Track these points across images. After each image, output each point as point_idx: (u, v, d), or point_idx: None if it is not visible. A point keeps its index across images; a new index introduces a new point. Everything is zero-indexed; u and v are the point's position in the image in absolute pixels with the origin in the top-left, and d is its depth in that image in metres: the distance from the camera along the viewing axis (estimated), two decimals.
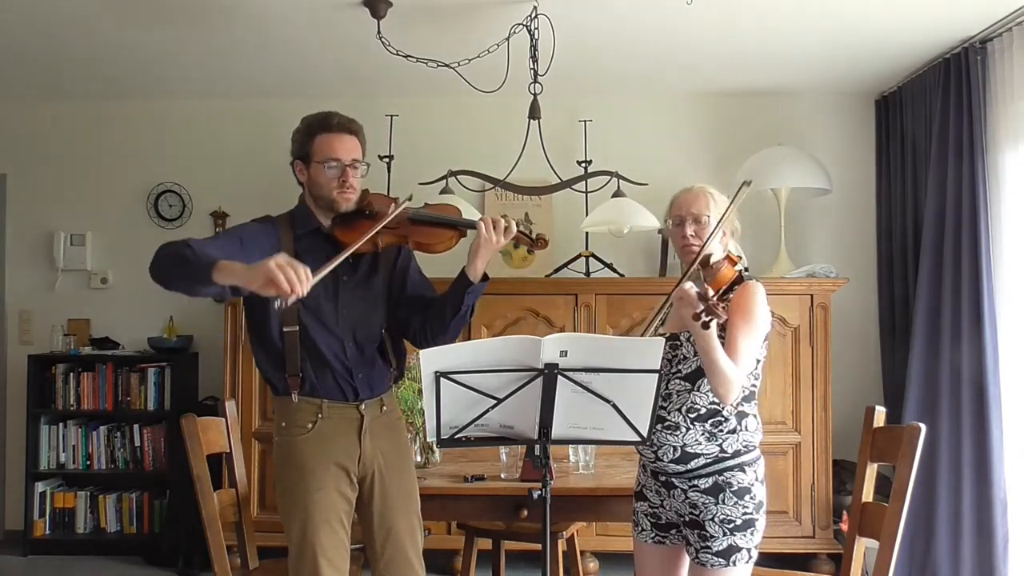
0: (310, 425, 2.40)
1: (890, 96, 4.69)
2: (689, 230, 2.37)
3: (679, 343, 2.32)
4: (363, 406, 2.44)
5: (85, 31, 3.89)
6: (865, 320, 4.80)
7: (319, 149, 2.41)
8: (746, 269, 2.38)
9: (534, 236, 2.49)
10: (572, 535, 3.45)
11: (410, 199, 2.49)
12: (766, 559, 3.98)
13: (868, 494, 2.67)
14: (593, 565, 4.22)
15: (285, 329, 2.38)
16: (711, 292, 2.07)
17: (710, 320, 2.03)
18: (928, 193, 4.03)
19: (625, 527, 3.14)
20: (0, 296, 5.09)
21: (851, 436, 3.79)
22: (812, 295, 4.32)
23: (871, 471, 2.69)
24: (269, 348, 2.41)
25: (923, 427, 2.53)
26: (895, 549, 2.48)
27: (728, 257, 2.28)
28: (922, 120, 4.28)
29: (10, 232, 5.11)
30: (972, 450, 3.74)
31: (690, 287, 2.10)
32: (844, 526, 4.03)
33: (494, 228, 2.40)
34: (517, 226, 2.43)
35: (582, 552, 3.85)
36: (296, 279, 2.01)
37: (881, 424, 2.73)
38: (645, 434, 2.06)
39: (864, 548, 2.65)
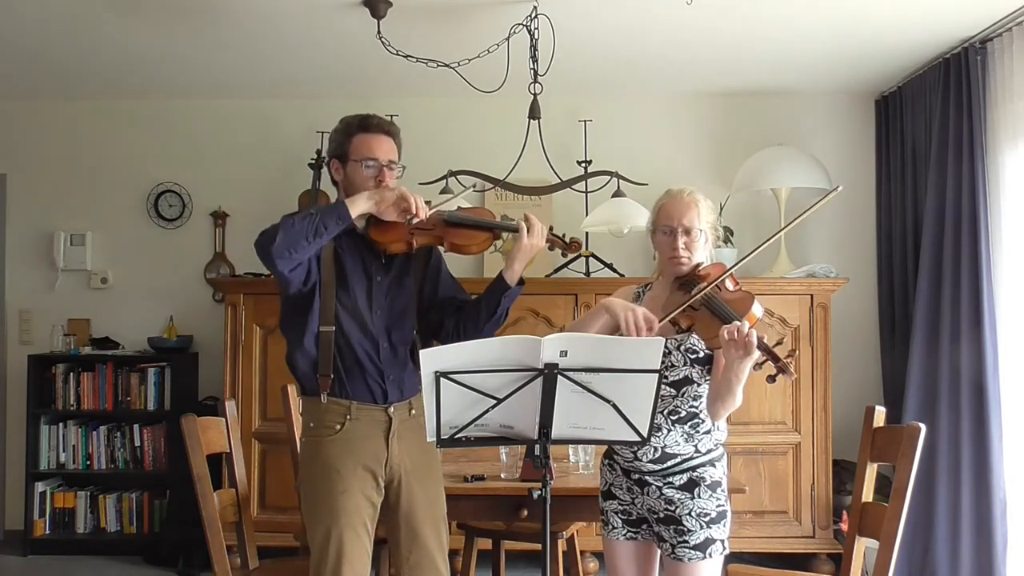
0: (338, 426, 2.40)
1: (890, 96, 4.69)
2: (680, 242, 2.35)
3: (668, 351, 2.31)
4: (392, 409, 2.44)
5: (85, 31, 3.89)
6: (865, 320, 4.80)
7: (357, 148, 2.44)
8: None
9: (567, 240, 2.54)
10: (572, 535, 3.45)
11: (456, 195, 2.53)
12: (767, 559, 3.99)
13: (868, 494, 2.67)
14: (593, 565, 4.22)
15: (321, 328, 2.39)
16: (768, 341, 2.08)
17: (776, 375, 2.05)
18: (928, 193, 4.03)
19: None
20: (0, 296, 5.09)
21: (851, 436, 3.78)
22: (812, 295, 4.32)
23: (871, 471, 2.69)
24: (304, 347, 2.41)
25: (923, 427, 2.53)
26: (895, 549, 2.48)
27: (733, 278, 2.28)
28: (922, 120, 4.28)
29: (10, 232, 5.10)
30: (971, 450, 3.74)
31: (749, 331, 2.11)
32: (844, 526, 4.03)
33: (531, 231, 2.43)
34: (550, 230, 2.49)
35: (582, 552, 3.85)
36: (421, 204, 2.34)
37: (881, 424, 2.73)
38: (645, 434, 2.05)
39: (864, 548, 2.66)
